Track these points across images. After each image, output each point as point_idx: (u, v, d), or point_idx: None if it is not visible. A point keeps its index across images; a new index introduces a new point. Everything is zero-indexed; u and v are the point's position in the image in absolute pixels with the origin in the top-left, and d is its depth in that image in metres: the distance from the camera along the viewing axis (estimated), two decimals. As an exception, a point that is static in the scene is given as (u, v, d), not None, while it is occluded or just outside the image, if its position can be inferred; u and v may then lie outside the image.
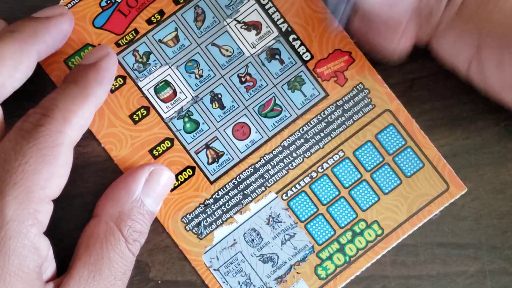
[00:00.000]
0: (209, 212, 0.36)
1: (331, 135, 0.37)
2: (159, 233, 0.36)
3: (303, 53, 0.37)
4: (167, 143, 0.36)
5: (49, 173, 0.30)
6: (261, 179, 0.36)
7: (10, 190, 0.29)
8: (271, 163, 0.36)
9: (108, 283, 0.32)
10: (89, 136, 0.36)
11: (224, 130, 0.36)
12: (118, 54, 0.36)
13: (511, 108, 0.35)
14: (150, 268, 0.36)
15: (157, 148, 0.36)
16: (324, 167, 0.37)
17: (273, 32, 0.37)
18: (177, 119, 0.36)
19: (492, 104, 0.35)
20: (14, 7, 0.36)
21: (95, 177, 0.35)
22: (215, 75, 0.36)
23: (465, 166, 0.37)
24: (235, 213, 0.36)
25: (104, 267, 0.32)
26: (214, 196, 0.36)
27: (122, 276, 0.32)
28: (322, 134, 0.37)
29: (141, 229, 0.33)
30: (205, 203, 0.36)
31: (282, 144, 0.37)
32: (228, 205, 0.36)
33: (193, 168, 0.36)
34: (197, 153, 0.36)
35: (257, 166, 0.36)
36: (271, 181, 0.36)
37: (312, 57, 0.37)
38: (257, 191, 0.36)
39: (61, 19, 0.34)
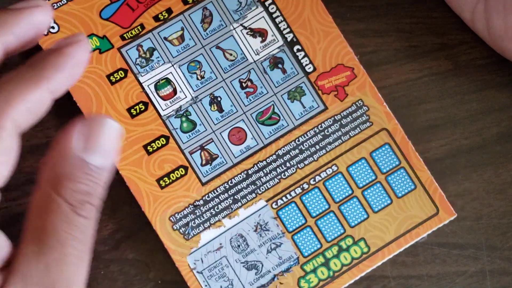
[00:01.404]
0: (197, 214, 0.36)
1: (326, 148, 0.37)
2: (150, 231, 0.36)
3: (306, 65, 0.37)
4: (162, 141, 0.36)
5: None
6: (252, 186, 0.36)
7: None
8: (264, 170, 0.36)
9: (62, 254, 0.29)
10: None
11: (220, 133, 0.36)
12: (122, 47, 0.36)
13: None
14: (150, 268, 0.36)
15: (151, 145, 0.36)
16: (317, 180, 0.37)
17: (278, 41, 0.37)
18: (175, 117, 0.36)
19: (492, 104, 0.36)
20: None
21: None
22: (217, 77, 0.36)
23: (465, 166, 0.38)
24: (223, 217, 0.36)
25: (51, 238, 0.29)
26: (204, 198, 0.36)
27: (79, 244, 0.30)
28: (317, 147, 0.37)
29: (87, 189, 0.30)
30: (195, 204, 0.36)
31: (276, 153, 0.37)
32: (218, 208, 0.36)
33: (185, 168, 0.36)
34: (191, 153, 0.36)
35: (249, 172, 0.36)
36: (263, 189, 0.36)
37: (314, 69, 0.37)
38: (247, 197, 0.36)
39: (34, 10, 0.32)
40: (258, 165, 0.36)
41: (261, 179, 0.36)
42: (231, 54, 0.37)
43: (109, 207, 0.36)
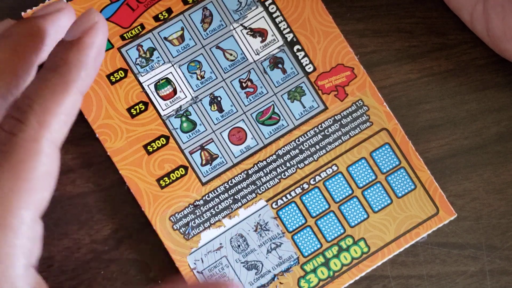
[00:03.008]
0: (198, 214, 0.36)
1: (326, 148, 0.37)
2: (150, 231, 0.36)
3: (306, 65, 0.37)
4: (162, 141, 0.36)
5: (26, 192, 0.27)
6: (252, 186, 0.36)
7: None
8: (264, 170, 0.36)
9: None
10: (89, 136, 0.36)
11: (220, 133, 0.36)
12: (122, 47, 0.36)
13: None
14: (150, 268, 0.36)
15: (151, 144, 0.36)
16: (317, 180, 0.37)
17: (278, 40, 0.37)
18: (175, 117, 0.36)
19: (492, 104, 0.36)
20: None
21: (95, 177, 0.35)
22: (217, 77, 0.36)
23: (465, 166, 0.38)
24: (223, 217, 0.36)
25: None
26: (204, 198, 0.36)
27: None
28: (317, 147, 0.37)
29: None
30: (195, 204, 0.36)
31: (276, 153, 0.37)
32: (218, 208, 0.36)
33: (186, 168, 0.36)
34: (191, 153, 0.36)
35: (249, 172, 0.36)
36: (263, 189, 0.36)
37: (314, 69, 0.37)
38: (247, 197, 0.36)
39: (58, 15, 0.32)
40: (258, 165, 0.36)
41: (261, 179, 0.36)
42: (231, 54, 0.37)
43: (109, 207, 0.36)
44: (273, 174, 0.36)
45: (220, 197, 0.36)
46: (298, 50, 0.37)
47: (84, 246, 0.34)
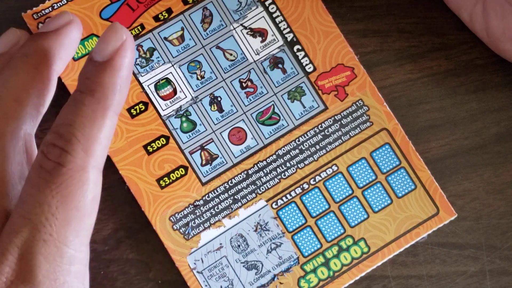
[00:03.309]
0: (198, 214, 0.36)
1: (327, 148, 0.37)
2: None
3: (306, 65, 0.37)
4: (162, 141, 0.36)
5: (78, 219, 0.29)
6: (252, 186, 0.36)
7: (41, 249, 0.28)
8: (264, 170, 0.36)
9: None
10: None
11: (220, 133, 0.36)
12: (122, 47, 0.36)
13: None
14: (150, 268, 0.36)
15: (151, 145, 0.36)
16: (317, 180, 0.37)
17: (278, 40, 0.37)
18: (175, 117, 0.36)
19: (491, 104, 0.36)
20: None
21: None
22: (217, 77, 0.36)
23: (465, 166, 0.38)
24: (223, 217, 0.36)
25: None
26: (204, 198, 0.36)
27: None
28: (317, 147, 0.37)
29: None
30: (195, 204, 0.36)
31: (276, 153, 0.37)
32: (218, 208, 0.36)
33: (185, 168, 0.36)
34: (191, 153, 0.36)
35: (249, 172, 0.36)
36: (263, 189, 0.36)
37: (314, 69, 0.37)
38: (247, 197, 0.36)
39: (71, 28, 0.33)
40: (258, 165, 0.36)
41: (261, 179, 0.36)
42: (231, 54, 0.37)
43: (109, 207, 0.36)
44: (273, 174, 0.36)
45: (220, 197, 0.36)
46: (298, 50, 0.37)
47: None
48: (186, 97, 0.36)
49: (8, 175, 0.30)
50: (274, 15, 0.37)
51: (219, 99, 0.36)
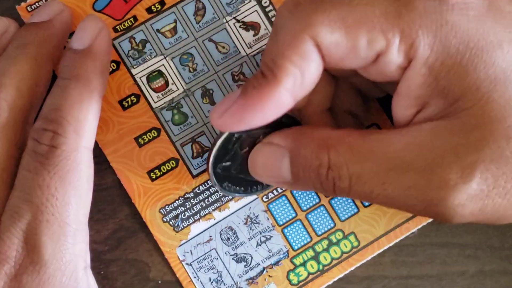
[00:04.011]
0: (188, 206, 0.36)
1: (318, 142, 0.37)
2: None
3: (299, 59, 0.37)
4: (154, 133, 0.36)
5: (77, 198, 0.30)
6: (243, 179, 0.36)
7: (45, 229, 0.29)
8: (255, 164, 0.36)
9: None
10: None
11: (212, 126, 0.36)
12: (114, 39, 0.36)
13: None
14: (150, 268, 0.36)
15: (143, 137, 0.36)
16: (307, 174, 0.37)
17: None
18: (166, 110, 0.36)
19: None
20: None
21: (95, 177, 0.34)
22: (209, 70, 0.37)
23: None
24: (214, 210, 0.36)
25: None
26: (194, 191, 0.36)
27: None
28: (308, 141, 0.37)
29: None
30: (185, 196, 0.36)
31: (268, 146, 0.37)
32: (208, 201, 0.36)
33: (176, 160, 0.36)
34: (182, 145, 0.36)
35: (241, 165, 0.36)
36: (253, 182, 0.36)
37: (307, 63, 0.37)
38: (238, 190, 0.36)
39: (62, 17, 0.34)
40: (249, 158, 0.36)
41: (252, 172, 0.36)
42: (223, 47, 0.37)
43: (109, 207, 0.36)
44: (264, 168, 0.36)
45: (210, 189, 0.36)
46: (291, 44, 0.37)
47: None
48: (178, 89, 0.36)
49: (8, 166, 0.31)
50: (267, 9, 0.37)
51: (211, 91, 0.37)
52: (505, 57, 0.27)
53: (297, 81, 0.28)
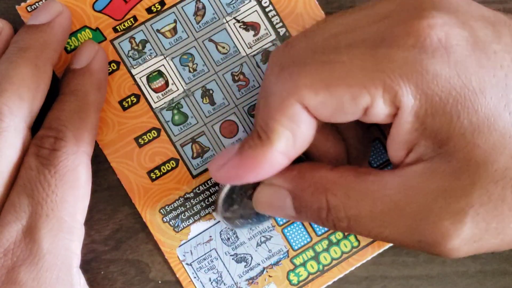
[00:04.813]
0: (188, 206, 0.36)
1: (318, 142, 0.37)
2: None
3: (299, 59, 0.37)
4: (154, 133, 0.36)
5: (75, 198, 0.32)
6: (243, 179, 0.36)
7: (44, 223, 0.30)
8: (255, 164, 0.36)
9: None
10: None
11: (212, 126, 0.36)
12: (114, 39, 0.36)
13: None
14: (150, 268, 0.36)
15: (143, 137, 0.36)
16: (307, 174, 0.37)
17: (270, 35, 0.37)
18: (166, 110, 0.36)
19: None
20: None
21: (95, 177, 0.35)
22: (209, 70, 0.37)
23: None
24: (214, 210, 0.36)
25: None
26: (194, 191, 0.36)
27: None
28: (308, 141, 0.37)
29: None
30: (185, 196, 0.36)
31: (268, 147, 0.37)
32: (208, 201, 0.36)
33: (176, 161, 0.36)
34: (182, 146, 0.36)
35: (241, 165, 0.36)
36: (253, 182, 0.36)
37: (307, 63, 0.37)
38: (238, 190, 0.36)
39: (62, 19, 0.34)
40: (249, 158, 0.36)
41: (252, 172, 0.36)
42: (223, 47, 0.37)
43: (109, 207, 0.36)
44: (264, 168, 0.36)
45: (210, 190, 0.36)
46: (291, 44, 0.37)
47: (84, 246, 0.34)
48: (178, 89, 0.36)
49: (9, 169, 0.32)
50: (267, 10, 0.37)
51: (211, 92, 0.37)
52: (488, 104, 0.27)
53: (289, 142, 0.29)
